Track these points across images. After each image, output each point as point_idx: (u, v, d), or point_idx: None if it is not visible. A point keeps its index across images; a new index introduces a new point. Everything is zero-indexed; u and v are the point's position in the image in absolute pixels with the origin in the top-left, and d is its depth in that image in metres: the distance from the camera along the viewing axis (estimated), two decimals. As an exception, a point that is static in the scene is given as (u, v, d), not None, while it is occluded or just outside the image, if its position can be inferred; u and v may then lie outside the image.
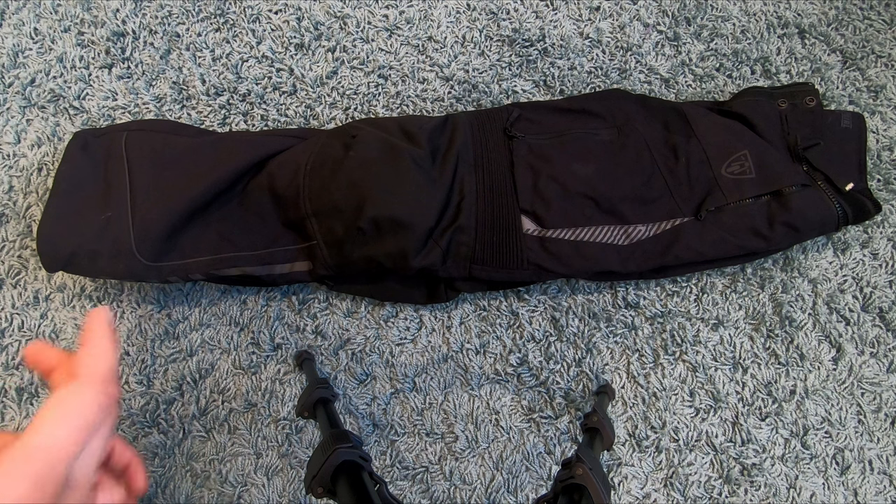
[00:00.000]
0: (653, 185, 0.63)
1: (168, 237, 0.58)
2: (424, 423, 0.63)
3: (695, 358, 0.65)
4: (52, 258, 0.57)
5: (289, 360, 0.65)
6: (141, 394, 0.63)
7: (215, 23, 0.74)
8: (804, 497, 0.62)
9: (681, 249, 0.61)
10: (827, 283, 0.67)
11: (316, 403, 0.53)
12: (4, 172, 0.69)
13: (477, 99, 0.73)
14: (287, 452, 0.62)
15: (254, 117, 0.71)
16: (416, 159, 0.60)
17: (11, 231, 0.67)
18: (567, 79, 0.73)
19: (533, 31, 0.75)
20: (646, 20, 0.76)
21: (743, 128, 0.66)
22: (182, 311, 0.65)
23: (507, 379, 0.64)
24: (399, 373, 0.65)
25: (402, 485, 0.62)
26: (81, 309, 0.65)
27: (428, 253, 0.58)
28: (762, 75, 0.74)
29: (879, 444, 0.63)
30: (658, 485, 0.62)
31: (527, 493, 0.62)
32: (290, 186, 0.60)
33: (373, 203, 0.57)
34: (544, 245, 0.60)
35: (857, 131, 0.66)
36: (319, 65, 0.73)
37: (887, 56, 0.75)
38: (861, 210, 0.63)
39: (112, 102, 0.71)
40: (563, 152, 0.63)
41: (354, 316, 0.66)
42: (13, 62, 0.72)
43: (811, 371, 0.65)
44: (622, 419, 0.64)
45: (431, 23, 0.75)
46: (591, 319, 0.66)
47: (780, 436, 0.63)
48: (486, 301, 0.66)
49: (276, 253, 0.61)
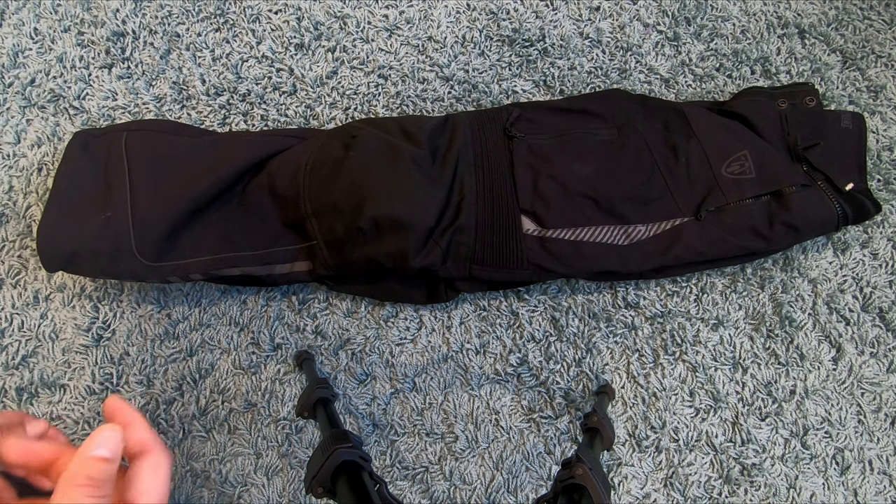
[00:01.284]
0: (653, 185, 0.63)
1: (168, 237, 0.58)
2: (424, 423, 0.63)
3: (695, 358, 0.65)
4: (52, 258, 0.57)
5: (289, 360, 0.65)
6: (141, 394, 0.63)
7: (215, 23, 0.74)
8: (804, 497, 0.62)
9: (681, 249, 0.61)
10: (827, 283, 0.67)
11: (316, 403, 0.53)
12: (4, 172, 0.69)
13: (477, 99, 0.73)
14: (287, 452, 0.62)
15: (254, 117, 0.71)
16: (416, 159, 0.60)
17: (11, 231, 0.67)
18: (567, 79, 0.73)
19: (533, 31, 0.75)
20: (646, 20, 0.76)
21: (743, 128, 0.66)
22: (182, 311, 0.66)
23: (507, 379, 0.64)
24: (399, 373, 0.65)
25: (402, 485, 0.62)
26: (81, 309, 0.65)
27: (428, 253, 0.58)
28: (762, 75, 0.74)
29: (879, 444, 0.63)
30: (658, 485, 0.62)
31: (527, 493, 0.62)
32: (290, 186, 0.60)
33: (373, 203, 0.57)
34: (544, 245, 0.60)
35: (857, 131, 0.66)
36: (319, 65, 0.73)
37: (887, 56, 0.75)
38: (861, 210, 0.63)
39: (112, 102, 0.71)
40: (563, 152, 0.63)
41: (354, 316, 0.66)
42: (13, 62, 0.72)
43: (811, 371, 0.65)
44: (622, 419, 0.64)
45: (431, 23, 0.75)
46: (591, 319, 0.66)
47: (780, 436, 0.63)
48: (486, 301, 0.66)
49: (276, 253, 0.61)
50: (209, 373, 0.64)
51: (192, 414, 0.63)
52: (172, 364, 0.64)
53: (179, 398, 0.64)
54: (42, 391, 0.63)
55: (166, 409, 0.63)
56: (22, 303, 0.65)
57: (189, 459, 0.62)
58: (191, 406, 0.63)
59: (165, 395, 0.64)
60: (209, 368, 0.64)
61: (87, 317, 0.65)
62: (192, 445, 0.62)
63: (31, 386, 0.63)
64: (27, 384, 0.63)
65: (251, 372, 0.64)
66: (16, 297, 0.65)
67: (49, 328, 0.65)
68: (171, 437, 0.63)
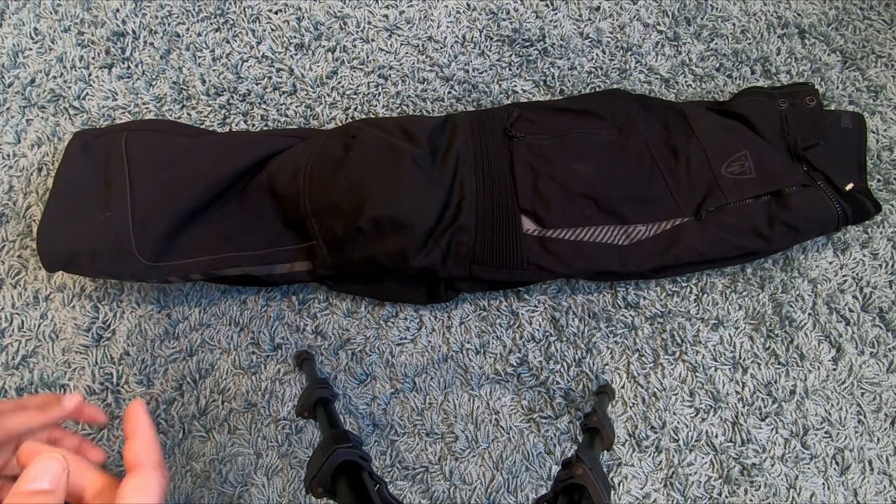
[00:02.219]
0: (653, 185, 0.63)
1: (168, 237, 0.58)
2: (424, 423, 0.63)
3: (695, 358, 0.65)
4: (53, 258, 0.57)
5: (289, 360, 0.65)
6: (141, 394, 0.63)
7: (215, 23, 0.74)
8: (804, 497, 0.62)
9: (681, 249, 0.61)
10: (827, 283, 0.67)
11: (316, 403, 0.53)
12: (4, 172, 0.69)
13: (477, 99, 0.73)
14: (287, 452, 0.62)
15: (254, 117, 0.71)
16: (416, 159, 0.60)
17: (11, 231, 0.67)
18: (567, 79, 0.73)
19: (533, 31, 0.75)
20: (646, 20, 0.76)
21: (743, 128, 0.66)
22: (182, 311, 0.66)
23: (507, 379, 0.64)
24: (399, 373, 0.65)
25: (402, 485, 0.62)
26: (81, 309, 0.65)
27: (428, 253, 0.58)
28: (762, 75, 0.74)
29: (879, 444, 0.63)
30: (658, 485, 0.62)
31: (527, 493, 0.62)
32: (290, 186, 0.60)
33: (373, 203, 0.57)
34: (544, 245, 0.60)
35: (857, 131, 0.66)
36: (319, 65, 0.73)
37: (887, 56, 0.75)
38: (861, 210, 0.63)
39: (112, 102, 0.71)
40: (563, 152, 0.63)
41: (354, 316, 0.66)
42: (13, 62, 0.72)
43: (811, 371, 0.65)
44: (622, 419, 0.64)
45: (431, 23, 0.75)
46: (591, 319, 0.66)
47: (780, 436, 0.63)
48: (486, 301, 0.66)
49: (276, 253, 0.61)
50: (209, 373, 0.64)
51: (192, 414, 0.63)
52: (172, 364, 0.64)
53: (179, 398, 0.64)
54: (42, 391, 0.63)
55: (166, 409, 0.63)
56: (22, 303, 0.65)
57: (189, 459, 0.62)
58: (191, 406, 0.63)
59: (165, 395, 0.64)
60: (209, 368, 0.64)
61: (87, 317, 0.65)
62: (192, 445, 0.62)
63: (31, 386, 0.63)
64: (27, 384, 0.63)
65: (251, 372, 0.64)
66: (16, 297, 0.65)
67: (49, 328, 0.65)
68: (171, 437, 0.63)
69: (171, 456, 0.62)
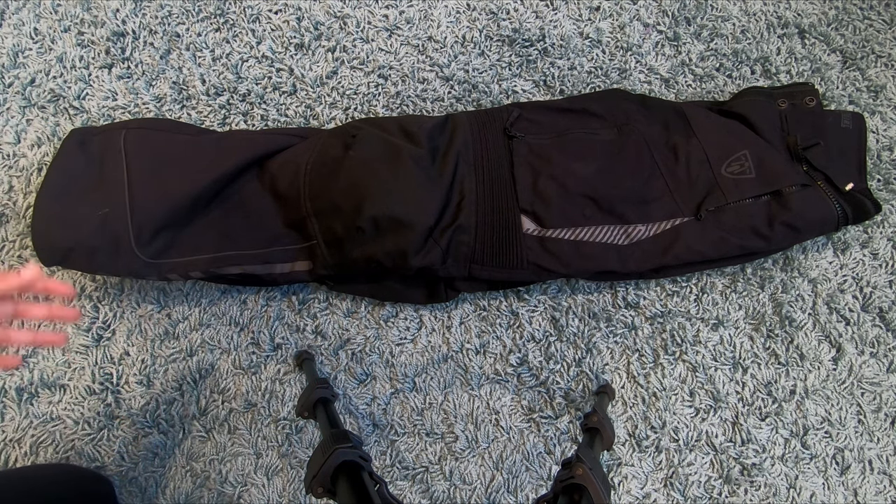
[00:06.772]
0: (653, 185, 0.63)
1: (168, 234, 0.58)
2: (424, 423, 0.63)
3: (695, 358, 0.65)
4: (49, 253, 0.57)
5: (289, 360, 0.65)
6: (141, 394, 0.63)
7: (215, 23, 0.74)
8: (804, 497, 0.62)
9: (681, 249, 0.61)
10: (827, 283, 0.67)
11: (316, 403, 0.53)
12: (4, 172, 0.69)
13: (477, 99, 0.73)
14: (287, 452, 0.62)
15: (254, 117, 0.71)
16: (416, 159, 0.60)
17: (11, 231, 0.67)
18: (567, 79, 0.73)
19: (533, 31, 0.75)
20: (646, 20, 0.76)
21: (743, 128, 0.66)
22: (182, 311, 0.65)
23: (507, 379, 0.64)
24: (399, 373, 0.65)
25: (402, 485, 0.62)
26: (81, 309, 0.65)
27: (428, 252, 0.58)
28: (762, 75, 0.74)
29: (879, 444, 0.63)
30: (658, 485, 0.62)
31: (527, 493, 0.62)
32: (290, 186, 0.60)
33: (373, 202, 0.57)
34: (544, 245, 0.60)
35: (857, 131, 0.66)
36: (319, 65, 0.73)
37: (887, 56, 0.75)
38: (861, 210, 0.63)
39: (112, 102, 0.71)
40: (563, 152, 0.63)
41: (354, 316, 0.66)
42: (13, 62, 0.72)
43: (811, 371, 0.65)
44: (622, 419, 0.64)
45: (431, 23, 0.75)
46: (591, 319, 0.66)
47: (780, 436, 0.63)
48: (486, 301, 0.66)
49: (276, 252, 0.61)
50: (209, 373, 0.64)
51: (192, 414, 0.63)
52: (172, 364, 0.64)
53: (179, 398, 0.63)
54: (42, 391, 0.63)
55: (166, 409, 0.63)
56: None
57: (189, 459, 0.62)
58: (191, 406, 0.63)
59: (165, 395, 0.64)
60: (209, 368, 0.64)
61: (87, 317, 0.65)
62: (192, 445, 0.62)
63: (31, 386, 0.63)
64: (27, 384, 0.63)
65: (251, 372, 0.64)
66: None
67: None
68: (171, 437, 0.63)
69: (171, 456, 0.62)
